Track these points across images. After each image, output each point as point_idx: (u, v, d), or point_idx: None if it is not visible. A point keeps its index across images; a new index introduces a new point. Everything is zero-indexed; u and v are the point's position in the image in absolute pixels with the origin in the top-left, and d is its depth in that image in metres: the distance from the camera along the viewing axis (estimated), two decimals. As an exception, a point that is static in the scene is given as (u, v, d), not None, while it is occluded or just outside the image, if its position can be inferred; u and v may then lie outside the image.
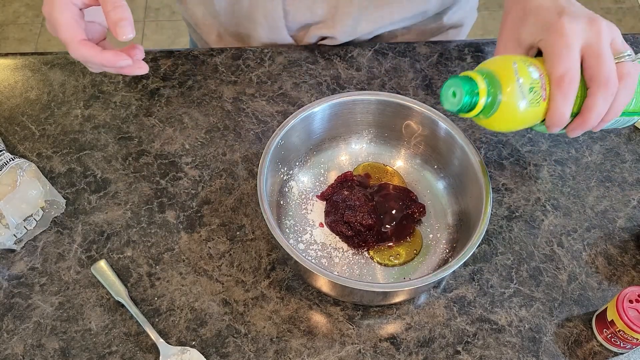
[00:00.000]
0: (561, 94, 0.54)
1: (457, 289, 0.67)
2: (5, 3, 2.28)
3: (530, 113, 0.55)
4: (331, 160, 0.74)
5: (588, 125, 0.57)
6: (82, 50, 0.60)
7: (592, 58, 0.54)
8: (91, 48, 0.60)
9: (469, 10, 0.94)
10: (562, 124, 0.55)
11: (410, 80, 0.83)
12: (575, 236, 0.71)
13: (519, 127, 0.57)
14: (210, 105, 0.80)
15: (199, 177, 0.74)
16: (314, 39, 0.85)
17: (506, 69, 0.54)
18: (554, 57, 0.55)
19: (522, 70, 0.54)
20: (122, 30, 0.58)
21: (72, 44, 0.60)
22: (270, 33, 0.84)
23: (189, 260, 0.68)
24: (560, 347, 0.64)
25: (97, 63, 0.61)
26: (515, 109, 0.54)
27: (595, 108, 0.55)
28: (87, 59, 0.61)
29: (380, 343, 0.64)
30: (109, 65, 0.61)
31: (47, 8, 0.60)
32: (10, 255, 0.68)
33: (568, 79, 0.54)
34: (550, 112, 0.55)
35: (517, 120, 0.55)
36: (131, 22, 0.58)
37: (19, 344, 0.63)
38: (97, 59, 0.60)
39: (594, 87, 0.54)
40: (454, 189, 0.70)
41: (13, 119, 0.79)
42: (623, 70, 0.55)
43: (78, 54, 0.60)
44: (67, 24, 0.60)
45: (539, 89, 0.54)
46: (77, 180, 0.74)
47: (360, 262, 0.68)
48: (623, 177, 0.75)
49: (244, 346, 0.63)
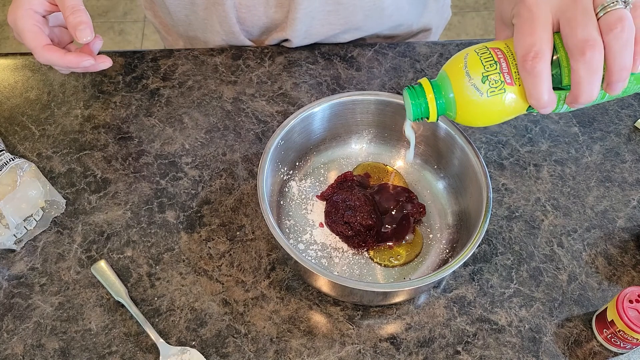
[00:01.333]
0: (526, 73, 0.48)
1: (457, 289, 0.67)
2: (5, 3, 2.28)
3: (496, 102, 0.51)
4: (331, 160, 0.74)
5: (582, 98, 0.48)
6: (46, 55, 0.63)
7: (564, 25, 0.48)
8: (55, 52, 0.63)
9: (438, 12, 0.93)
10: (544, 105, 0.49)
11: (410, 80, 0.83)
12: (575, 236, 0.71)
13: (502, 117, 0.53)
14: (210, 105, 0.80)
15: (199, 177, 0.74)
16: (274, 41, 0.86)
17: (456, 66, 0.52)
18: (517, 34, 0.49)
19: (472, 62, 0.51)
20: (81, 33, 0.62)
21: (37, 50, 0.63)
22: (228, 40, 0.85)
23: (189, 260, 0.68)
24: (560, 347, 0.64)
25: (63, 65, 0.64)
26: (473, 102, 0.52)
27: (579, 81, 0.47)
28: (53, 63, 0.64)
29: (380, 343, 0.64)
30: (73, 67, 0.65)
31: (12, 17, 0.64)
32: (10, 255, 0.68)
33: (531, 56, 0.48)
34: (527, 95, 0.50)
35: (488, 112, 0.52)
36: (89, 25, 0.63)
37: (19, 344, 0.63)
38: (61, 62, 0.64)
39: (571, 57, 0.48)
40: (454, 189, 0.70)
41: (13, 119, 0.79)
42: (609, 20, 0.46)
43: (43, 59, 0.64)
44: (31, 32, 0.63)
45: (497, 76, 0.50)
46: (77, 180, 0.74)
47: (360, 262, 0.68)
48: (623, 177, 0.75)
49: (244, 346, 0.63)
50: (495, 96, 0.51)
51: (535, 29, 0.48)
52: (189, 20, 0.84)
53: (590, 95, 0.48)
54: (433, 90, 0.54)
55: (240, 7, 0.80)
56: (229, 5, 0.79)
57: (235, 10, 0.80)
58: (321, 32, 0.83)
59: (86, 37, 0.62)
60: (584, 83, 0.47)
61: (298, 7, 0.78)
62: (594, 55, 0.46)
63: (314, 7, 0.78)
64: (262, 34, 0.86)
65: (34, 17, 0.64)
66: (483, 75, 0.51)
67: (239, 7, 0.80)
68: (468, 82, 0.51)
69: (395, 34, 0.90)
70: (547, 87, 0.48)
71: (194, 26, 0.85)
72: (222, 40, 0.85)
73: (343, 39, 0.86)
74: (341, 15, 0.81)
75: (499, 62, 0.51)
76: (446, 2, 0.95)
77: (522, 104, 0.52)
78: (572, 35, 0.47)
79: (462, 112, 0.54)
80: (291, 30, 0.81)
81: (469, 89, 0.52)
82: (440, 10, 0.93)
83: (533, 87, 0.48)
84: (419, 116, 0.56)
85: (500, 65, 0.51)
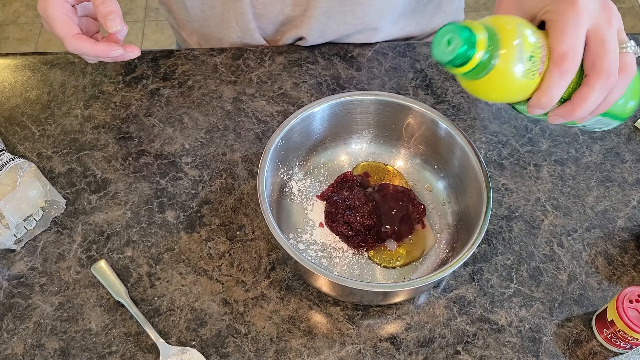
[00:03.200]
0: (559, 72, 0.49)
1: (457, 289, 0.67)
2: (5, 3, 2.28)
3: (522, 84, 0.49)
4: (331, 160, 0.74)
5: (576, 115, 0.51)
6: (76, 44, 0.64)
7: (597, 43, 0.49)
8: (85, 41, 0.64)
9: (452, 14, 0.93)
10: (548, 106, 0.50)
11: (410, 80, 0.83)
12: (575, 236, 0.71)
13: (504, 98, 0.52)
14: (210, 105, 0.80)
15: (199, 177, 0.74)
16: (289, 41, 0.85)
17: (510, 28, 0.49)
18: (560, 31, 0.49)
19: (525, 34, 0.49)
20: (111, 22, 0.63)
21: (67, 39, 0.64)
22: (243, 37, 0.85)
23: (189, 260, 0.68)
24: (560, 347, 0.64)
25: (92, 55, 0.65)
26: (509, 74, 0.48)
27: (589, 98, 0.50)
28: (82, 52, 0.65)
29: (380, 343, 0.64)
30: (103, 56, 0.66)
31: (42, 5, 0.65)
32: (10, 255, 0.68)
33: (570, 58, 0.48)
34: (541, 90, 0.49)
35: (506, 88, 0.50)
36: (119, 14, 0.63)
37: (19, 344, 0.63)
38: (91, 51, 0.64)
39: (594, 75, 0.49)
40: (454, 189, 0.70)
41: (13, 119, 0.79)
42: (622, 62, 0.50)
43: (73, 48, 0.65)
44: (61, 20, 0.64)
45: (538, 61, 0.49)
46: (77, 180, 0.74)
47: (360, 262, 0.68)
48: (623, 177, 0.75)
49: (244, 346, 0.63)
50: (527, 78, 0.49)
51: (579, 32, 0.49)
52: (205, 15, 0.84)
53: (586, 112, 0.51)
54: (487, 40, 0.48)
55: (257, 4, 0.80)
56: (246, 2, 0.79)
57: (252, 6, 0.80)
58: (336, 31, 0.83)
59: (116, 27, 0.63)
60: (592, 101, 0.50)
61: (316, 5, 0.78)
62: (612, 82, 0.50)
63: (331, 7, 0.79)
64: (277, 33, 0.85)
65: (64, 6, 0.65)
66: (530, 54, 0.48)
67: (256, 3, 0.79)
68: (518, 52, 0.48)
69: (409, 36, 0.90)
70: (563, 91, 0.50)
71: (209, 22, 0.85)
72: (237, 37, 0.85)
73: (356, 39, 0.86)
74: (357, 15, 0.81)
75: (542, 48, 0.49)
76: (460, 5, 0.95)
77: (526, 94, 0.51)
78: (603, 57, 0.49)
79: (490, 77, 0.49)
80: (307, 28, 0.81)
81: (516, 58, 0.48)
82: (454, 12, 0.93)
83: (556, 87, 0.49)
84: (458, 59, 0.48)
85: (542, 51, 0.49)
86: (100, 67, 0.84)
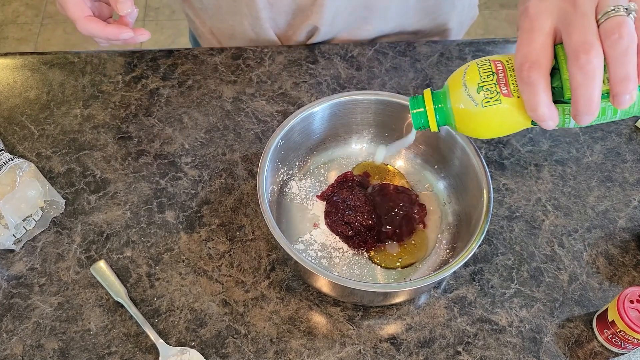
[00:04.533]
0: (522, 83, 0.47)
1: (458, 289, 0.67)
2: (5, 3, 2.28)
3: (492, 113, 0.51)
4: (331, 160, 0.74)
5: (582, 110, 0.46)
6: (88, 26, 0.66)
7: (564, 32, 0.47)
8: (96, 23, 0.66)
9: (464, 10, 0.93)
10: (542, 117, 0.48)
11: (410, 79, 0.82)
12: (576, 236, 0.71)
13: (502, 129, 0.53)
14: (210, 105, 0.80)
15: (198, 177, 0.74)
16: (302, 36, 0.85)
17: (456, 77, 0.53)
18: (517, 44, 0.49)
19: (470, 73, 0.52)
20: (122, 5, 0.65)
21: (79, 21, 0.66)
22: (254, 26, 0.84)
23: (189, 260, 0.68)
24: (561, 347, 0.63)
25: (103, 37, 0.67)
26: (468, 112, 0.52)
27: (576, 87, 0.45)
28: (94, 34, 0.67)
29: (381, 344, 0.64)
30: (113, 39, 0.68)
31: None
32: (9, 255, 0.68)
33: (527, 66, 0.47)
34: (525, 106, 0.49)
35: (485, 123, 0.52)
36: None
37: (18, 345, 0.63)
38: (102, 33, 0.67)
39: (568, 64, 0.46)
40: (455, 189, 0.70)
41: (12, 119, 0.79)
42: (608, 26, 0.45)
43: (85, 29, 0.67)
44: (73, 3, 0.66)
45: (493, 86, 0.50)
46: (77, 180, 0.74)
47: (360, 262, 0.68)
48: (624, 177, 0.75)
49: (243, 347, 0.63)
50: (490, 107, 0.51)
51: (533, 39, 0.47)
52: (218, 3, 0.84)
53: (589, 102, 0.45)
54: (433, 101, 0.55)
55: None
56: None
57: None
58: (348, 20, 0.83)
59: (127, 9, 0.66)
60: (581, 89, 0.45)
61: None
62: (589, 59, 0.44)
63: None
64: (289, 27, 0.85)
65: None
66: (479, 85, 0.51)
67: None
68: (464, 93, 0.52)
69: (419, 30, 0.89)
70: (544, 98, 0.47)
71: (222, 10, 0.85)
72: (249, 25, 0.84)
73: (366, 30, 0.86)
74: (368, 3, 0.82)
75: (496, 73, 0.51)
76: (473, 1, 0.94)
77: (523, 117, 0.51)
78: (569, 40, 0.46)
79: (460, 123, 0.55)
80: (319, 17, 0.81)
81: (464, 99, 0.52)
82: (467, 8, 0.93)
83: (529, 98, 0.48)
84: (420, 125, 0.58)
85: (497, 76, 0.51)
86: (99, 67, 0.83)
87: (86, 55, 0.85)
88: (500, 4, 2.27)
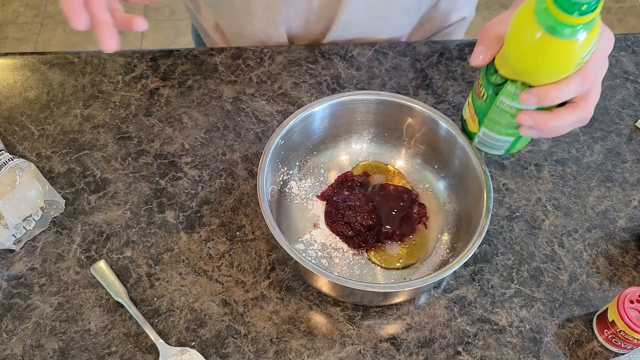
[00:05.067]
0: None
1: (458, 289, 0.67)
2: (5, 3, 2.28)
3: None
4: (331, 160, 0.74)
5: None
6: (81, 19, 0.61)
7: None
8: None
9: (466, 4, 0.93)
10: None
11: (410, 79, 0.82)
12: (576, 236, 0.71)
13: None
14: (210, 105, 0.80)
15: (198, 177, 0.74)
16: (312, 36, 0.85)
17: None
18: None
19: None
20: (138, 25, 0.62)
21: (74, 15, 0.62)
22: (267, 27, 0.84)
23: (189, 260, 0.68)
24: (561, 347, 0.64)
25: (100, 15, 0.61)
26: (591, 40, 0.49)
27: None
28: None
29: (381, 344, 0.64)
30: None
31: None
32: (9, 255, 0.68)
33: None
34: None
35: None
36: None
37: (18, 345, 0.63)
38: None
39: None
40: (455, 189, 0.70)
41: (12, 119, 0.79)
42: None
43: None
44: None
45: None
46: (77, 180, 0.74)
47: (360, 262, 0.68)
48: (624, 177, 0.75)
49: (243, 347, 0.63)
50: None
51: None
52: (230, 3, 0.83)
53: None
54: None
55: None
56: None
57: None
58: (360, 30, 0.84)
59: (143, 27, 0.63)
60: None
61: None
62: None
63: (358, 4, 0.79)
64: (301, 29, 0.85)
65: None
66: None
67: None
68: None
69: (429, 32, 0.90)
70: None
71: (234, 9, 0.84)
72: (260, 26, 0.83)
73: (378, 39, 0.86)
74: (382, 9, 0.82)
75: None
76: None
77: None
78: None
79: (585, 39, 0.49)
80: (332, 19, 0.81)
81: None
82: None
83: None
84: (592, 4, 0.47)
85: None
86: (99, 67, 0.83)
87: (86, 55, 0.85)
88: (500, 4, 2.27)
